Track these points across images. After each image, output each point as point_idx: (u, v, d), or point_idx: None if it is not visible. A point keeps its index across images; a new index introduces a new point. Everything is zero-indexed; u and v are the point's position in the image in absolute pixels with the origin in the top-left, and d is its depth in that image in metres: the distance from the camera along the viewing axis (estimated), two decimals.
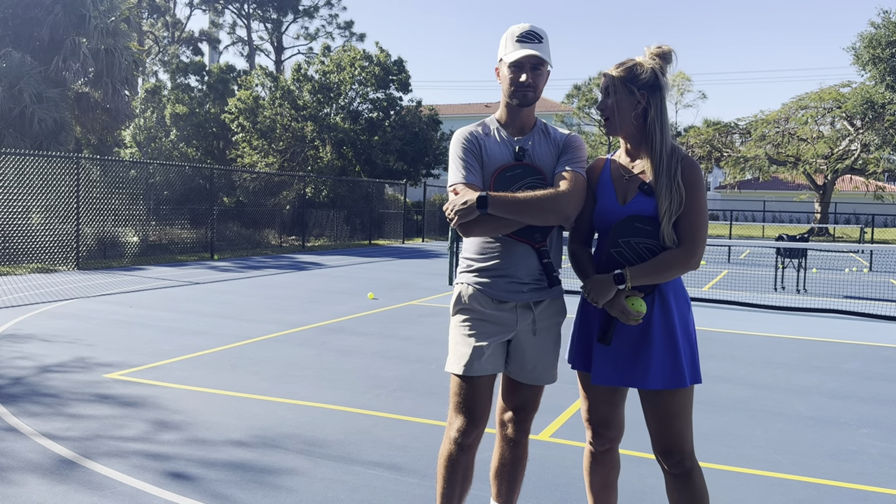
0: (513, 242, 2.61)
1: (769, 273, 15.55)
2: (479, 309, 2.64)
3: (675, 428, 2.50)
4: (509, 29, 2.66)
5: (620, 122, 2.51)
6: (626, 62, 2.50)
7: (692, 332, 2.57)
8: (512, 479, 2.82)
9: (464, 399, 2.63)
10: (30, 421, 4.40)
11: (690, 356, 2.53)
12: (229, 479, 3.61)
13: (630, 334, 2.51)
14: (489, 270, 2.64)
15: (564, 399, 5.20)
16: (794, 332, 8.45)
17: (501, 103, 2.75)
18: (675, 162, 2.46)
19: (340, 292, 10.98)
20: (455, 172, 2.64)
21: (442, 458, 2.68)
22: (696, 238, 2.43)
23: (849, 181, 42.66)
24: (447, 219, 2.57)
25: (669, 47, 2.49)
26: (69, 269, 13.40)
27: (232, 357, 6.35)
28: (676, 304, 2.54)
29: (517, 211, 2.50)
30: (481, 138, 2.68)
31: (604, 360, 2.55)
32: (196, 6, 40.81)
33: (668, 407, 2.50)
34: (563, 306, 2.77)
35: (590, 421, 2.69)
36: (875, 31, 30.95)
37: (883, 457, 4.21)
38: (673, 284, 2.55)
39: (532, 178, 2.61)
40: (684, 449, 2.52)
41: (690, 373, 2.52)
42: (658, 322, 2.50)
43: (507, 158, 2.65)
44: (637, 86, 2.46)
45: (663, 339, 2.48)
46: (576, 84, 39.95)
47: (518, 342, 2.67)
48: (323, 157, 26.65)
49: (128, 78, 20.09)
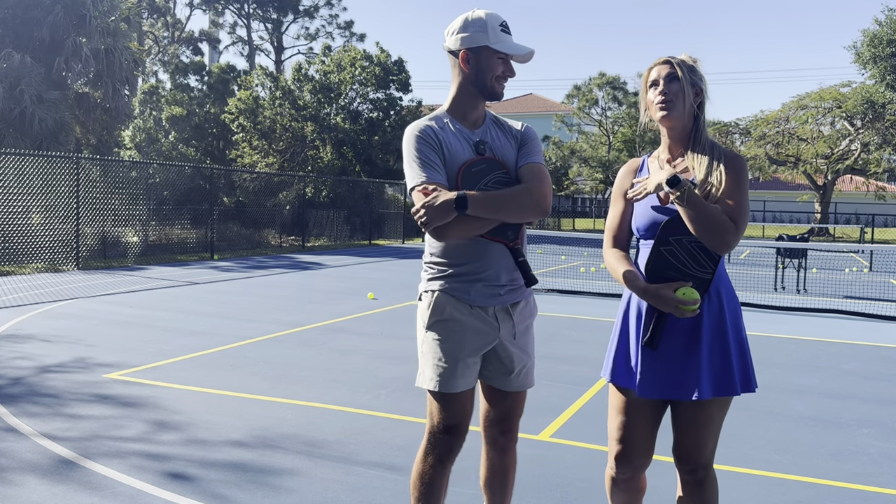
0: (486, 242, 2.42)
1: (769, 273, 15.54)
2: (458, 318, 2.45)
3: (699, 438, 2.40)
4: (476, 13, 2.46)
5: (682, 108, 2.41)
6: (684, 57, 2.46)
7: (744, 335, 2.43)
8: (504, 486, 2.69)
9: (444, 416, 2.46)
10: (29, 421, 4.40)
11: (742, 362, 2.39)
12: (229, 479, 3.61)
13: (679, 339, 2.37)
14: (464, 275, 2.45)
15: (564, 399, 5.20)
16: (794, 332, 8.45)
17: (457, 93, 2.51)
18: (717, 153, 2.41)
19: (340, 292, 10.98)
20: (416, 172, 2.39)
21: (419, 476, 2.50)
22: (738, 221, 2.32)
23: (849, 181, 42.64)
24: (418, 222, 2.33)
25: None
26: (69, 269, 13.40)
27: (232, 357, 6.35)
28: (728, 304, 2.40)
29: (497, 209, 2.35)
30: (438, 132, 2.45)
31: (651, 370, 2.38)
32: (196, 6, 40.79)
33: (702, 417, 2.38)
34: (535, 305, 2.64)
35: (622, 442, 2.49)
36: (878, 29, 30.94)
37: (883, 457, 4.21)
38: (724, 283, 2.43)
39: (497, 172, 2.45)
40: (700, 460, 2.41)
41: (742, 380, 2.38)
42: (709, 324, 2.36)
43: (467, 153, 2.46)
44: (697, 78, 2.44)
45: (715, 344, 2.35)
46: (576, 84, 39.93)
47: (503, 350, 2.50)
48: (323, 157, 26.65)
49: (128, 78, 20.11)
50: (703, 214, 2.27)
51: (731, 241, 2.29)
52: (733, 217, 2.30)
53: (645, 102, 2.50)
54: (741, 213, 2.32)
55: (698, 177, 2.38)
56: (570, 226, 40.25)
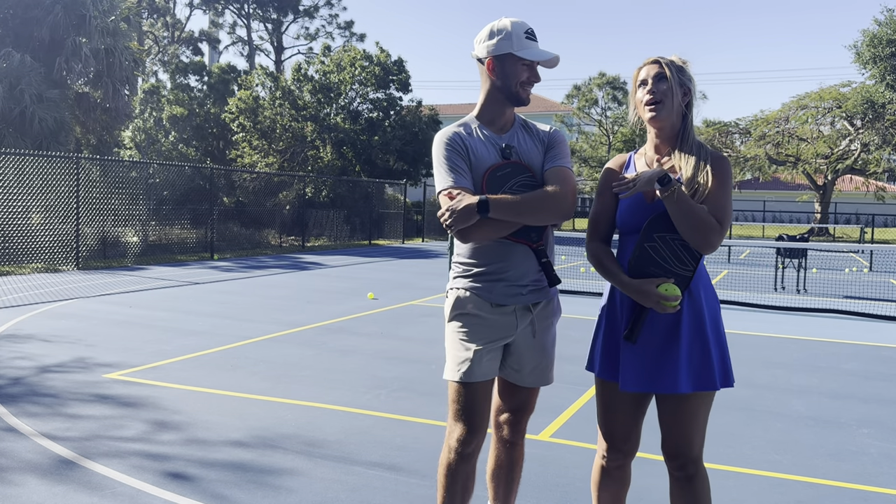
0: (510, 244, 2.53)
1: (769, 273, 15.55)
2: (478, 314, 2.56)
3: (687, 432, 2.45)
4: (503, 22, 2.55)
5: (670, 108, 2.44)
6: (674, 58, 2.49)
7: (723, 332, 2.48)
8: (509, 481, 2.79)
9: (463, 406, 2.56)
10: (29, 421, 4.40)
11: (721, 357, 2.45)
12: (229, 479, 3.61)
13: (658, 333, 2.42)
14: (487, 275, 2.56)
15: (564, 399, 5.20)
16: (794, 332, 8.45)
17: (485, 100, 2.62)
18: (704, 154, 2.46)
19: (340, 292, 10.98)
20: (444, 176, 2.51)
21: (442, 467, 2.62)
22: (723, 222, 2.38)
23: (849, 181, 42.64)
24: (443, 225, 2.47)
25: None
26: (69, 269, 13.40)
27: (232, 357, 6.35)
28: (707, 302, 2.45)
29: (518, 212, 2.43)
30: (465, 139, 2.57)
31: (631, 364, 2.45)
32: (196, 6, 40.79)
33: (685, 411, 2.43)
34: (559, 305, 2.73)
35: (608, 432, 2.59)
36: (878, 29, 30.94)
37: (883, 457, 4.20)
38: (703, 280, 2.48)
39: (522, 176, 2.53)
40: (689, 454, 2.46)
41: (721, 375, 2.44)
42: (688, 320, 2.41)
43: (493, 157, 2.55)
44: (686, 78, 2.48)
45: (694, 339, 2.41)
46: (576, 84, 39.97)
47: (517, 345, 2.61)
48: (323, 157, 26.65)
49: (128, 78, 20.12)
50: (690, 214, 2.33)
51: (715, 241, 2.35)
52: (718, 217, 2.36)
53: (634, 101, 2.53)
54: (725, 214, 2.38)
55: (685, 176, 2.42)
56: (570, 226, 40.25)
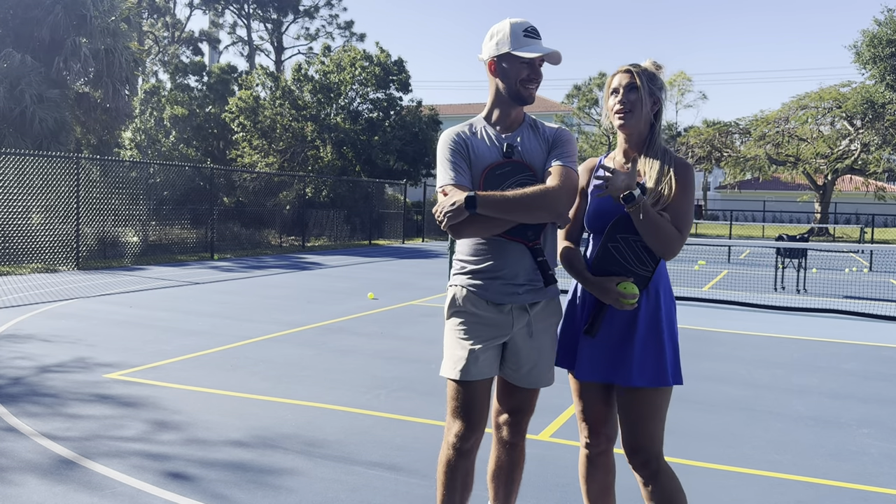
0: (505, 242, 2.54)
1: (769, 273, 15.55)
2: (474, 311, 2.58)
3: (647, 428, 2.52)
4: (503, 23, 2.58)
5: (639, 117, 2.54)
6: (647, 65, 2.57)
7: (676, 331, 2.61)
8: (509, 482, 2.79)
9: (461, 404, 2.58)
10: (29, 421, 4.40)
11: (674, 356, 2.56)
12: (229, 479, 3.61)
13: (616, 329, 2.54)
14: (483, 272, 2.58)
15: (564, 399, 5.19)
16: (794, 332, 8.45)
17: (492, 100, 2.67)
18: (668, 160, 2.56)
19: (340, 292, 10.98)
20: (443, 174, 2.57)
21: (441, 464, 2.64)
22: (682, 229, 2.51)
23: (849, 181, 42.65)
24: (437, 221, 2.51)
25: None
26: (69, 269, 13.40)
27: (232, 357, 6.35)
28: (664, 302, 2.56)
29: (507, 209, 2.44)
30: (468, 138, 2.61)
31: (588, 355, 2.58)
32: (196, 6, 40.81)
33: (644, 406, 2.52)
34: (558, 307, 2.73)
35: (586, 420, 2.70)
36: (878, 29, 30.93)
37: (883, 457, 4.21)
38: (663, 281, 2.58)
39: (521, 175, 2.54)
40: (651, 450, 2.53)
41: (673, 372, 2.54)
42: (645, 317, 2.52)
43: (495, 156, 2.58)
44: (656, 87, 2.57)
45: (649, 336, 2.52)
46: (576, 84, 40.00)
47: (514, 344, 2.61)
48: (323, 157, 26.66)
49: (128, 78, 20.12)
50: (654, 226, 2.45)
51: (675, 248, 2.49)
52: (678, 225, 2.49)
53: (606, 108, 2.64)
54: (685, 222, 2.51)
55: (649, 181, 2.53)
56: None
